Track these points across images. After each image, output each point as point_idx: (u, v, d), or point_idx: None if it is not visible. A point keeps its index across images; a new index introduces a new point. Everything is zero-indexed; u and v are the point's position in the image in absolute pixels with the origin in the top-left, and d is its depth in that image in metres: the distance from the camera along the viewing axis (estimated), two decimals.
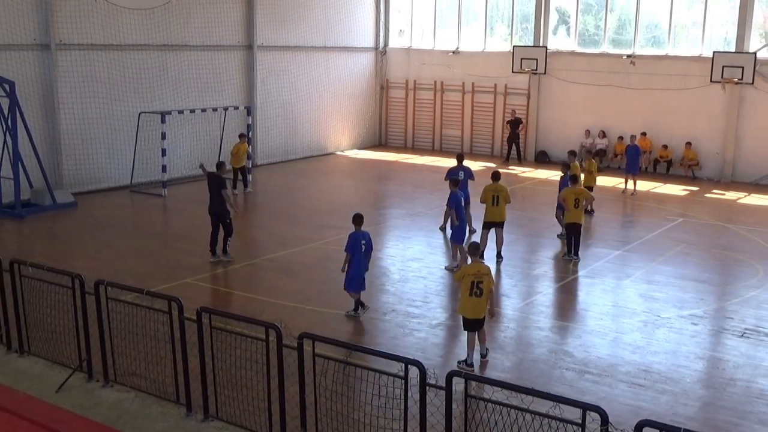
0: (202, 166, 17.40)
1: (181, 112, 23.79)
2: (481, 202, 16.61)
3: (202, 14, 25.56)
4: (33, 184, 20.59)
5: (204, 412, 9.23)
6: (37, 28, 21.31)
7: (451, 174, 18.23)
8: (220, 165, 16.50)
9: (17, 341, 11.06)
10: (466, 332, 11.16)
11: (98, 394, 9.88)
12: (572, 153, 19.97)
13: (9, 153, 19.74)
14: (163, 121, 22.38)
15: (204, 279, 14.97)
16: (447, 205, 15.99)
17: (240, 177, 23.13)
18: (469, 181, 18.51)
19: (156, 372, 9.93)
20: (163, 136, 22.46)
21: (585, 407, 6.78)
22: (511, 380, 9.55)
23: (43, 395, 9.78)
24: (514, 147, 29.90)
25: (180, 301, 9.26)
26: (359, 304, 13.01)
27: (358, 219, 12.90)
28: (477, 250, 11.43)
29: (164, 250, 17.36)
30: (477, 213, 17.42)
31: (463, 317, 11.12)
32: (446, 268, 15.78)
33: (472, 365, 10.98)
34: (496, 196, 16.29)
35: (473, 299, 10.89)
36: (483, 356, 11.27)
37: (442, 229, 18.40)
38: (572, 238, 16.45)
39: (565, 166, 18.72)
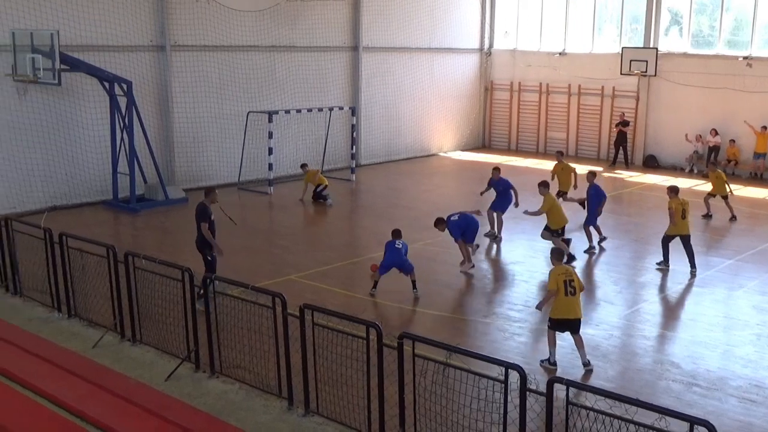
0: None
1: (287, 111, 24.30)
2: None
3: (309, 16, 26.03)
4: (147, 179, 21.44)
5: (305, 407, 9.39)
6: (154, 30, 22.18)
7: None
8: (208, 191, 13.38)
9: (130, 330, 11.54)
10: (548, 330, 11.20)
11: (205, 385, 10.19)
12: (560, 153, 20.97)
13: (125, 150, 20.62)
14: (270, 120, 22.90)
15: (307, 276, 15.21)
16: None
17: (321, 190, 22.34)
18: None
19: (259, 365, 10.16)
20: (270, 135, 23.01)
21: (692, 421, 6.54)
22: (614, 389, 9.32)
23: (153, 383, 10.16)
24: (621, 151, 29.19)
25: (283, 297, 9.44)
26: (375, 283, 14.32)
27: (396, 233, 14.49)
28: (562, 256, 11.60)
29: (269, 247, 17.76)
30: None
31: (552, 318, 11.09)
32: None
33: (555, 364, 11.03)
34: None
35: (568, 298, 10.91)
36: (586, 365, 11.03)
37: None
38: (686, 250, 15.80)
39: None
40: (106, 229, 18.67)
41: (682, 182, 24.77)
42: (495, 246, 18.05)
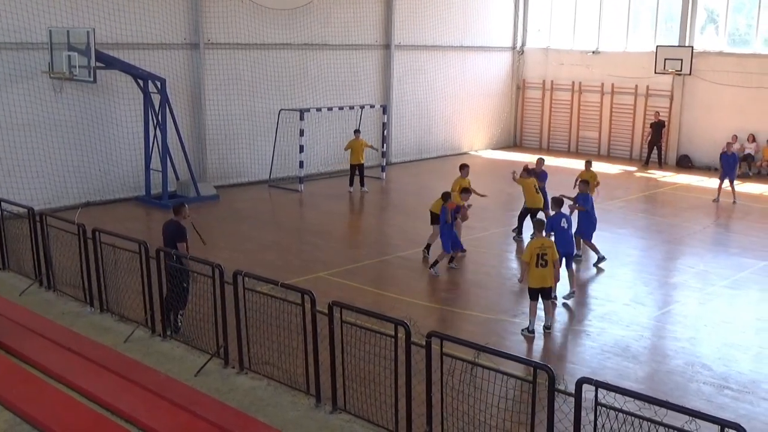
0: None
1: (319, 109, 24.35)
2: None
3: (341, 14, 26.08)
4: (179, 176, 21.63)
5: (332, 404, 9.41)
6: (188, 28, 22.37)
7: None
8: (178, 208, 12.14)
9: (161, 325, 11.65)
10: (530, 301, 12.27)
11: (233, 380, 10.25)
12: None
13: (158, 146, 20.83)
14: (301, 118, 23.00)
15: (336, 273, 15.26)
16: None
17: (358, 173, 23.28)
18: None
19: (288, 362, 10.19)
20: (302, 133, 23.11)
21: (723, 424, 6.45)
22: (644, 391, 9.21)
23: (182, 378, 10.24)
24: (655, 150, 28.87)
25: (313, 294, 9.46)
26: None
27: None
28: (541, 227, 12.50)
29: (299, 244, 17.83)
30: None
31: (530, 288, 12.23)
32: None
33: (533, 332, 12.14)
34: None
35: (539, 270, 12.05)
36: (547, 328, 12.35)
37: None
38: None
39: None
40: (138, 225, 18.86)
41: (717, 182, 24.28)
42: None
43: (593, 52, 30.97)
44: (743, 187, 24.48)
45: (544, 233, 12.64)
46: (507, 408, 8.20)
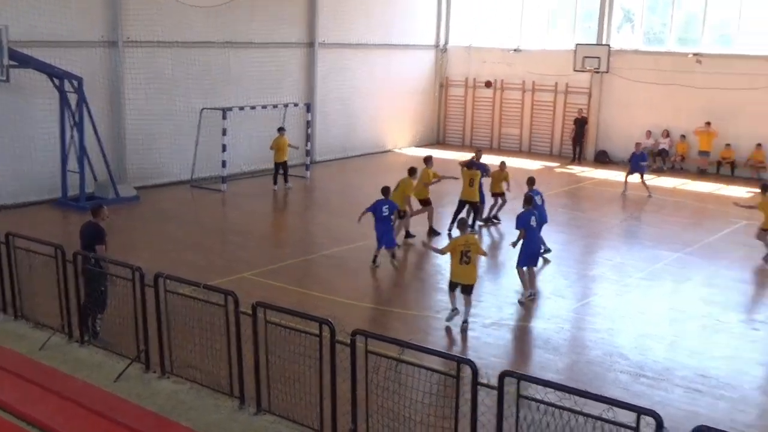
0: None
1: (242, 108, 24.03)
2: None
3: (265, 12, 25.81)
4: (97, 177, 21.09)
5: (257, 406, 9.34)
6: (106, 25, 21.82)
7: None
8: (96, 210, 11.79)
9: (78, 331, 11.35)
10: (449, 292, 12.64)
11: (155, 385, 10.07)
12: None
13: (75, 147, 20.27)
14: (224, 117, 22.70)
15: (260, 274, 15.13)
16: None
17: (282, 171, 23.25)
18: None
19: (211, 364, 10.04)
20: (224, 132, 22.81)
21: (639, 411, 6.66)
22: (564, 381, 9.41)
23: (101, 384, 10.00)
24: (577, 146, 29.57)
25: (236, 295, 9.37)
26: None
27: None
28: (465, 225, 12.77)
29: (222, 245, 17.63)
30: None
31: (450, 281, 12.54)
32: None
33: (456, 310, 12.46)
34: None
35: (463, 267, 12.25)
36: (465, 322, 12.37)
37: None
38: (474, 213, 18.32)
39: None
40: (55, 228, 18.30)
41: (631, 178, 25.06)
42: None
43: (514, 50, 31.46)
44: (657, 181, 25.29)
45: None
46: (431, 403, 8.28)
